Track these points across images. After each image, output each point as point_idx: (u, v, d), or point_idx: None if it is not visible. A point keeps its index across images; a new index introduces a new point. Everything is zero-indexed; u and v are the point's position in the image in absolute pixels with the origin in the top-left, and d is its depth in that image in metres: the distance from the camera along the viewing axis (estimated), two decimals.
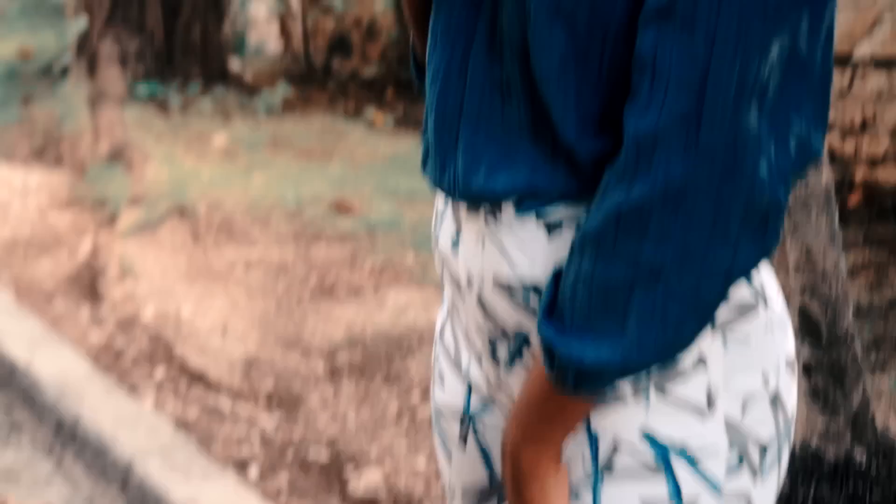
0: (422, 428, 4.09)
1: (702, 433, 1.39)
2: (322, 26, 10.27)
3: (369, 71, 9.64)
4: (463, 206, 1.47)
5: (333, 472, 3.92)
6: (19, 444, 4.41)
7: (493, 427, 1.59)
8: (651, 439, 1.39)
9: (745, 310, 1.41)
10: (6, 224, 6.44)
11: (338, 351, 4.59)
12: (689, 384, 1.39)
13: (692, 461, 1.39)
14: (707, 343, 1.39)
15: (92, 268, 5.72)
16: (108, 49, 8.75)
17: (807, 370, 2.84)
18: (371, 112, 8.31)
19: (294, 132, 7.68)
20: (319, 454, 4.01)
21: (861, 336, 4.29)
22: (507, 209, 1.41)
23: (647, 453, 1.39)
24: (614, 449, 1.40)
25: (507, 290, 1.43)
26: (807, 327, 2.86)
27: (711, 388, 1.39)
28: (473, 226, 1.46)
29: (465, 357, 1.59)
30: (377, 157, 7.06)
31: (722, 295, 1.29)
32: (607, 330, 1.29)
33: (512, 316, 1.44)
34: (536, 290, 1.41)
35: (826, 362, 2.82)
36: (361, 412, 4.21)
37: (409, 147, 7.26)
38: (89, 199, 6.70)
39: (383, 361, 4.47)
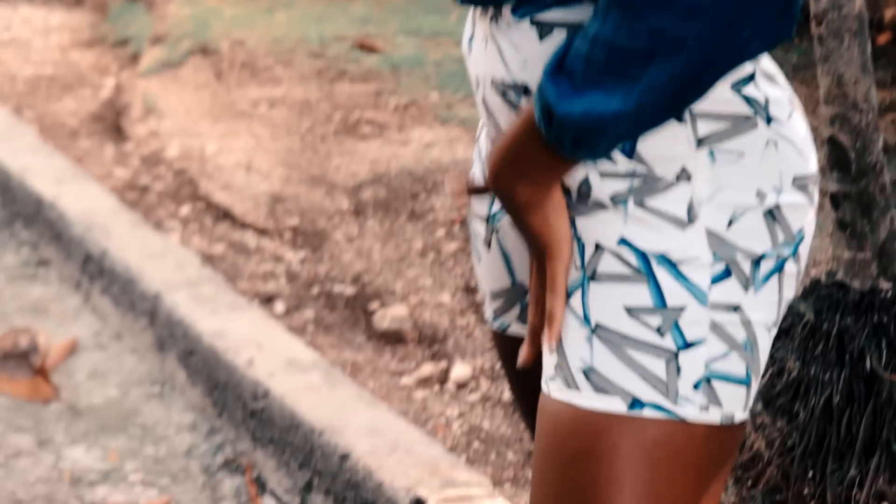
0: (446, 263, 4.11)
1: (682, 244, 1.40)
2: None
3: None
4: (477, 10, 1.53)
5: (358, 307, 3.95)
6: (47, 279, 4.45)
7: (510, 229, 1.62)
8: (630, 246, 1.41)
9: (739, 122, 1.41)
10: (28, 63, 6.42)
11: (362, 187, 4.60)
12: (669, 197, 1.41)
13: (674, 267, 1.40)
14: (691, 158, 1.40)
15: (115, 106, 5.71)
16: None
17: (834, 201, 2.83)
18: None
19: None
20: (344, 289, 4.04)
21: (889, 173, 4.27)
22: (506, 11, 1.45)
23: (629, 258, 1.41)
24: (595, 254, 1.42)
25: (502, 90, 1.48)
26: (835, 157, 2.85)
27: (694, 201, 1.41)
28: (481, 30, 1.51)
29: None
30: None
31: (732, 67, 1.30)
32: (619, 87, 1.29)
33: (507, 117, 1.49)
34: (527, 90, 1.45)
35: (854, 193, 2.81)
36: (386, 248, 4.23)
37: None
38: (111, 37, 6.67)
39: (408, 198, 4.48)
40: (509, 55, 1.46)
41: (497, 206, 1.63)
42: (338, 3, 6.76)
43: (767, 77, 1.45)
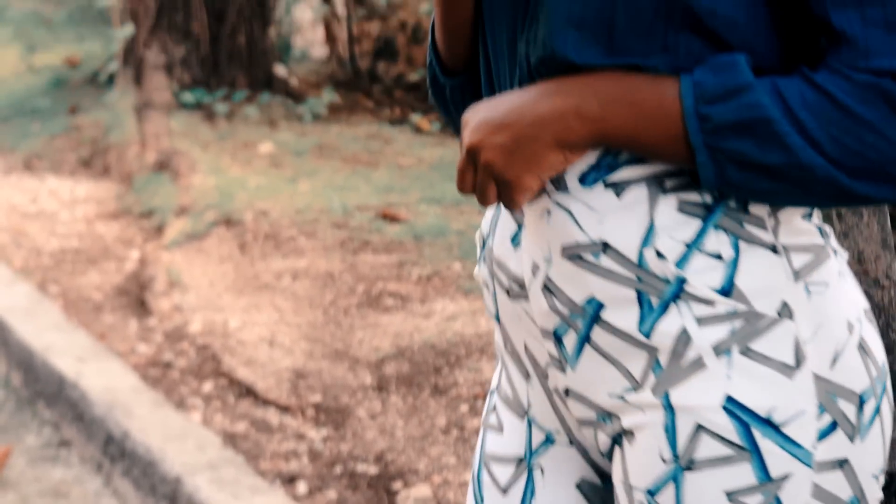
0: (470, 440, 4.06)
1: (789, 397, 1.34)
2: (367, 30, 10.26)
3: (415, 75, 9.61)
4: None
5: (382, 487, 3.90)
6: (68, 461, 4.41)
7: (553, 465, 1.55)
8: (733, 411, 1.34)
9: (819, 252, 1.39)
10: (54, 235, 6.45)
11: (385, 362, 4.57)
12: (774, 338, 1.36)
13: (778, 431, 1.34)
14: (790, 291, 1.36)
15: (139, 279, 5.72)
16: (153, 57, 8.77)
17: None
18: (416, 117, 8.29)
19: (340, 138, 7.67)
20: (367, 468, 3.99)
21: None
22: (571, 181, 1.42)
23: (730, 430, 1.34)
24: (694, 432, 1.36)
25: (577, 254, 1.42)
26: None
27: (799, 340, 1.36)
28: (536, 206, 1.45)
29: (524, 393, 1.57)
30: (423, 163, 7.03)
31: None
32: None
33: (583, 283, 1.42)
34: (606, 246, 1.39)
35: None
36: (409, 425, 4.19)
37: (455, 152, 7.22)
38: (136, 209, 6.71)
39: (431, 373, 4.45)
40: (583, 217, 1.41)
41: (538, 438, 1.57)
42: (361, 171, 6.81)
43: (818, 214, 1.44)
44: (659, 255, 1.37)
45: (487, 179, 1.40)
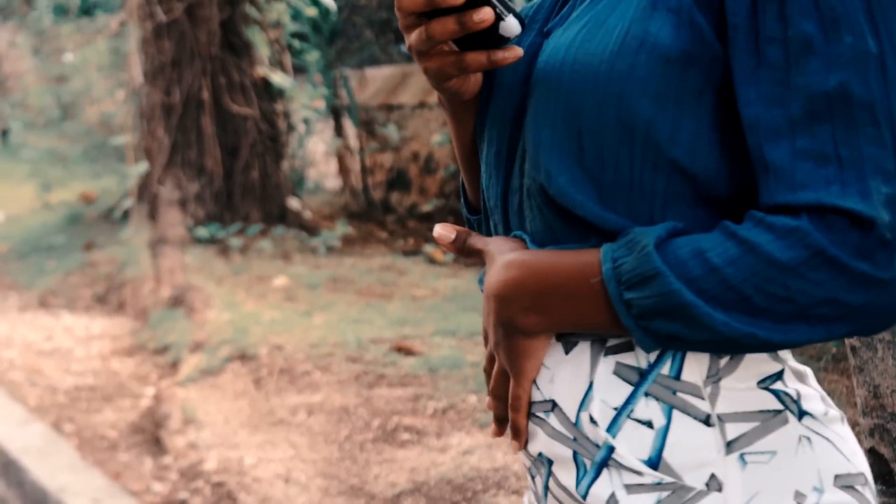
0: None
1: None
2: (379, 161, 10.33)
3: (428, 205, 9.67)
4: None
5: None
6: None
7: None
8: None
9: (769, 419, 1.36)
10: (69, 373, 6.46)
11: (401, 498, 4.54)
12: None
13: None
14: (720, 464, 1.35)
15: (154, 416, 5.71)
16: (168, 193, 8.84)
17: None
18: (430, 247, 8.32)
19: (354, 271, 7.70)
20: None
21: None
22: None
23: None
24: None
25: (532, 412, 1.45)
26: (877, 469, 2.80)
27: None
28: None
29: None
30: (437, 295, 7.04)
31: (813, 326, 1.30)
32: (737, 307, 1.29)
33: (537, 438, 1.45)
34: (554, 404, 1.43)
35: None
36: None
37: (469, 283, 7.24)
38: (151, 345, 6.72)
39: None
40: (540, 376, 1.44)
41: None
42: (375, 303, 6.81)
43: (797, 375, 1.41)
44: (591, 419, 1.38)
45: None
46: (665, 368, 1.36)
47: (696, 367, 1.36)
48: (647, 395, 1.36)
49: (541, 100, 1.42)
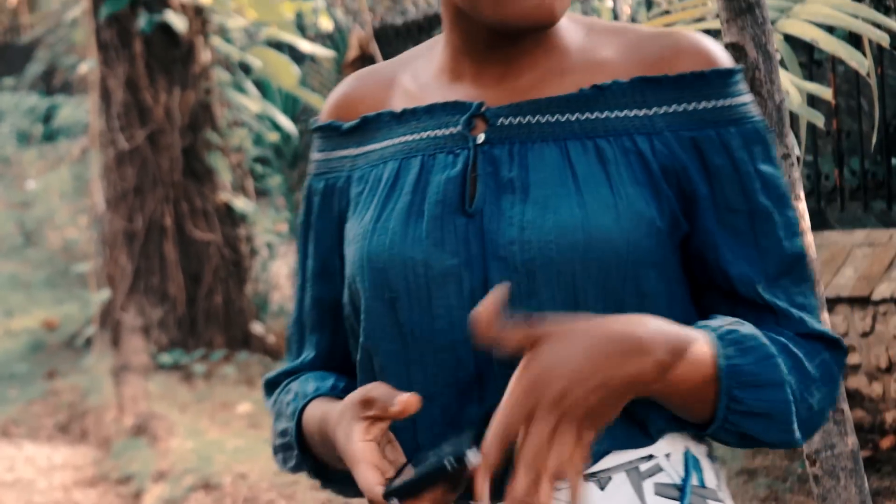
0: None
1: None
2: None
3: None
4: None
5: None
6: None
7: None
8: None
9: None
10: None
11: None
12: None
13: None
14: None
15: None
16: (130, 319, 8.81)
17: None
18: None
19: None
20: None
21: None
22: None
23: None
24: None
25: None
26: None
27: None
28: None
29: None
30: None
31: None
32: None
33: None
34: None
35: None
36: None
37: None
38: (114, 475, 6.66)
39: None
40: None
41: None
42: None
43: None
44: None
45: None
46: (693, 479, 1.45)
47: (710, 474, 1.48)
48: None
49: (542, 277, 1.43)
